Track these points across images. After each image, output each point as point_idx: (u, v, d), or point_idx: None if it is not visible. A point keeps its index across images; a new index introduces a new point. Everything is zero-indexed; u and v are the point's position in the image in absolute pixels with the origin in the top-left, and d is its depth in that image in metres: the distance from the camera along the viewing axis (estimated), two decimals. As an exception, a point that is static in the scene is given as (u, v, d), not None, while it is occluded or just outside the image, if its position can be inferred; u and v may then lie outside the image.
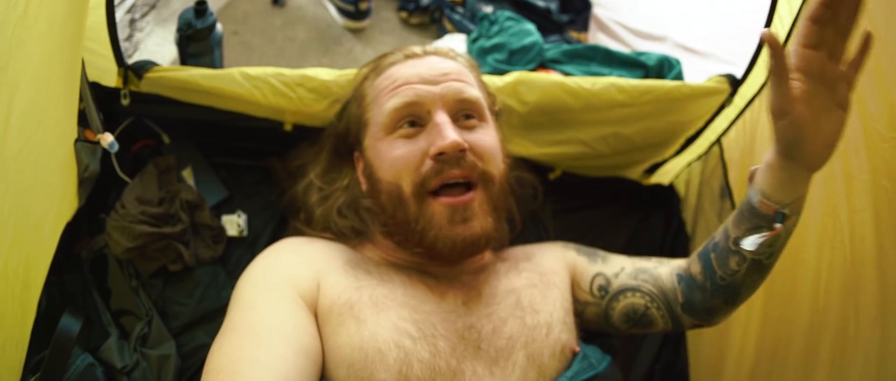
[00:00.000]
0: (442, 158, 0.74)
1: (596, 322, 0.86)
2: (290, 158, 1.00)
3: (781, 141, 0.65)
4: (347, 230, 0.87)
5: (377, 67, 0.87)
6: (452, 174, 0.74)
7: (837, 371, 0.76)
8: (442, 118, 0.75)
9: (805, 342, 0.82)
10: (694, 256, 0.80)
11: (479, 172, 0.76)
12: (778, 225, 0.67)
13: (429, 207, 0.74)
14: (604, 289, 0.85)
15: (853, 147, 0.72)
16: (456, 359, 0.68)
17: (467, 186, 0.76)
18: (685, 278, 0.79)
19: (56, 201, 0.76)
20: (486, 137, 0.80)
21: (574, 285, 0.87)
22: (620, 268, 0.86)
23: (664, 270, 0.83)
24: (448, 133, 0.73)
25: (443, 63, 0.82)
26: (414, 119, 0.78)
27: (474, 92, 0.81)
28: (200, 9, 1.09)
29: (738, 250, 0.72)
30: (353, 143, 0.88)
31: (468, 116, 0.80)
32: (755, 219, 0.69)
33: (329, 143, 0.93)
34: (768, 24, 0.91)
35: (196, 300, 0.91)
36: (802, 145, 0.64)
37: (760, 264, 0.72)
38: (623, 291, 0.83)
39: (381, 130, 0.79)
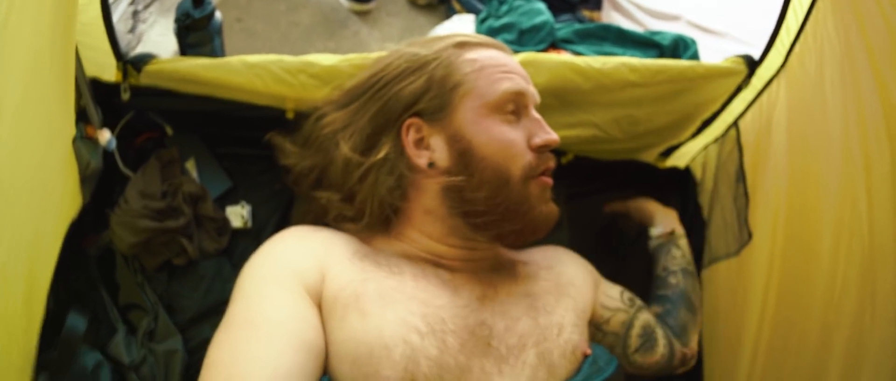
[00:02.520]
0: (544, 150, 0.79)
1: (612, 343, 0.90)
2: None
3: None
4: (388, 212, 0.80)
5: (463, 44, 0.82)
6: (552, 165, 0.80)
7: (853, 364, 0.74)
8: (538, 114, 0.81)
9: (820, 333, 0.80)
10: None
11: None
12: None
13: (530, 187, 0.77)
14: (633, 300, 0.92)
15: (874, 136, 0.69)
16: (465, 356, 0.67)
17: None
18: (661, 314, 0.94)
19: (56, 199, 0.75)
20: None
21: (601, 296, 0.90)
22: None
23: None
24: (550, 129, 0.79)
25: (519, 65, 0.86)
26: (517, 107, 0.79)
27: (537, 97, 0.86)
28: (199, -4, 1.07)
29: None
30: (423, 109, 0.79)
31: None
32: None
33: (372, 108, 0.81)
34: (785, 5, 0.86)
35: (202, 294, 0.91)
36: None
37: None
38: (647, 304, 0.94)
39: (485, 106, 0.77)
